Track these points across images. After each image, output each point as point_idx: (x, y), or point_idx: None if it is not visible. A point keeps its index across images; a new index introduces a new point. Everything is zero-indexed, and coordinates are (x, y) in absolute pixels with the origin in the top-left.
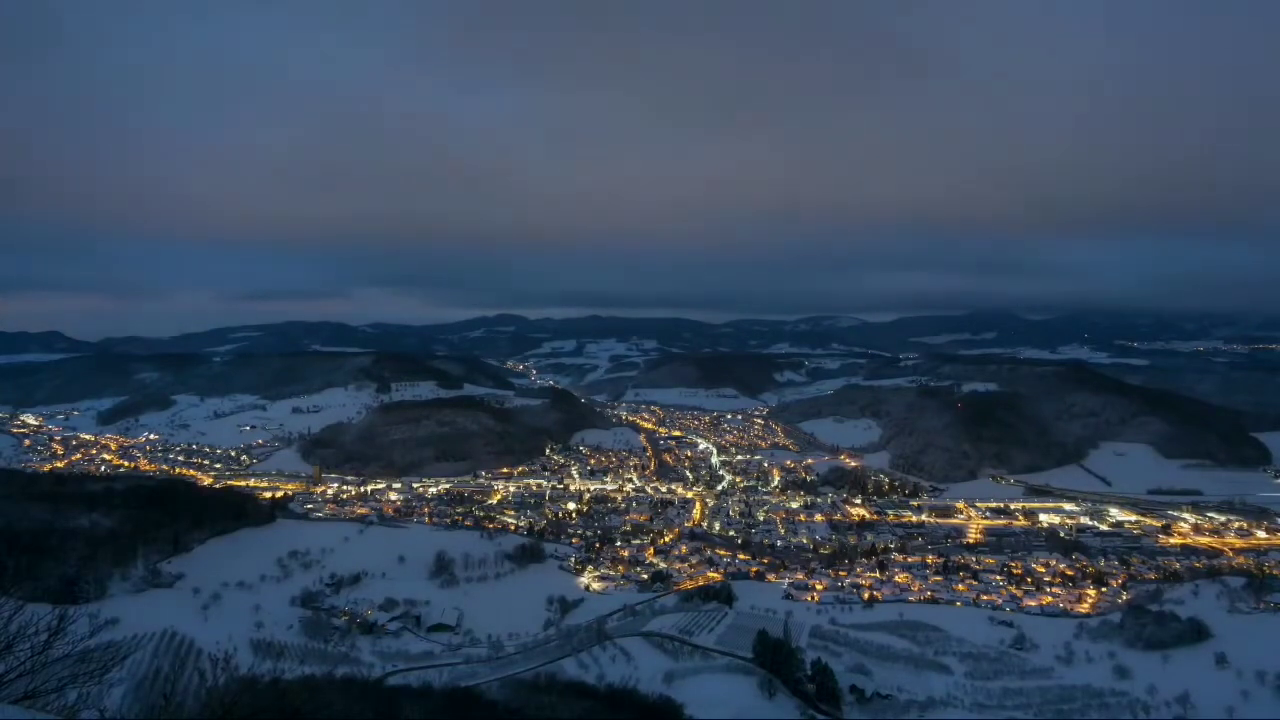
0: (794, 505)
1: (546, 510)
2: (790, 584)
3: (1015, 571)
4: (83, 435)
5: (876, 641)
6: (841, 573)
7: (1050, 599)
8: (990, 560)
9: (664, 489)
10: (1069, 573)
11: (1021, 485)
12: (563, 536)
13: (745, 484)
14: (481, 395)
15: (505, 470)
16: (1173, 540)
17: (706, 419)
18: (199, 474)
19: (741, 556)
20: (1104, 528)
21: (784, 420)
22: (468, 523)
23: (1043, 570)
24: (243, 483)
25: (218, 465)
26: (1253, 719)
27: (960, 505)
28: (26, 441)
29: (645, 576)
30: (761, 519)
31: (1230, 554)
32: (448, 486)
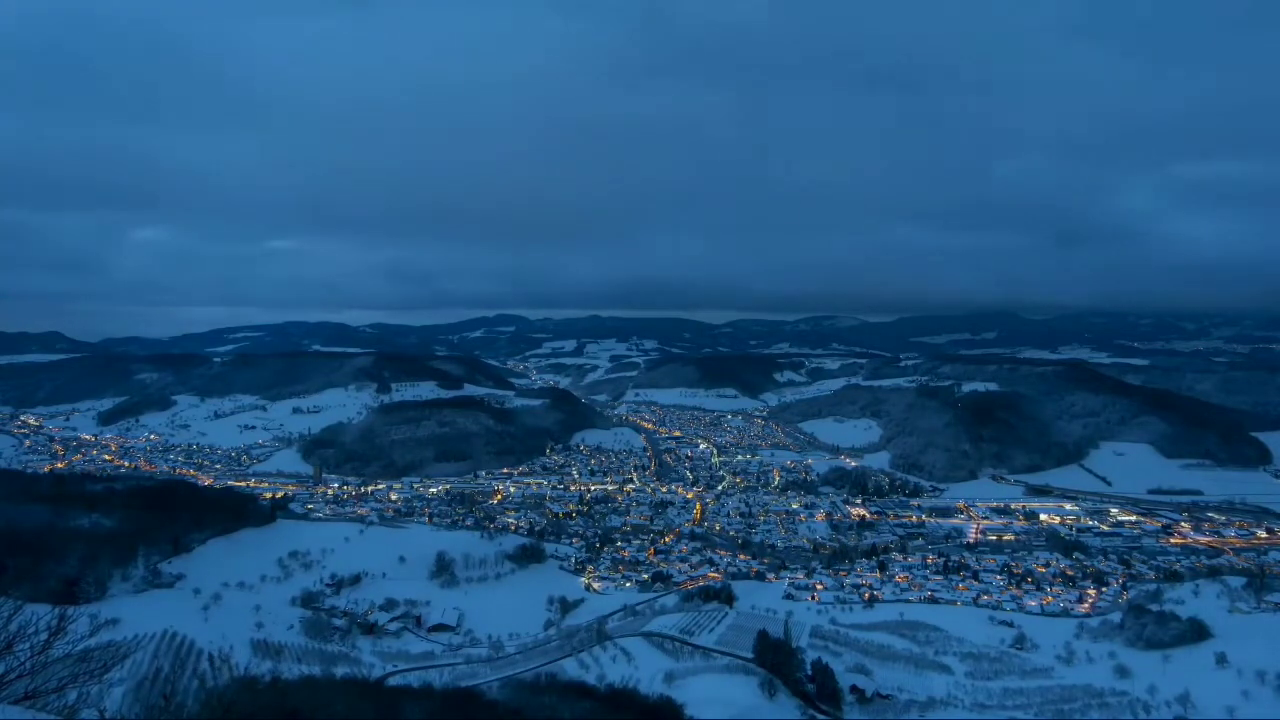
0: (794, 505)
1: (547, 510)
2: (791, 584)
3: (1015, 571)
4: (83, 436)
5: (877, 641)
6: (842, 573)
7: (1050, 599)
8: (990, 560)
9: (664, 489)
10: (1069, 572)
11: (1022, 485)
12: (563, 537)
13: (745, 484)
14: (482, 395)
15: (506, 470)
16: (1173, 540)
17: (706, 419)
18: (199, 474)
19: (742, 557)
20: (1104, 527)
21: (784, 420)
22: (468, 523)
23: (1043, 570)
24: (243, 483)
25: (218, 466)
26: (1253, 719)
27: (960, 505)
28: (27, 442)
29: (646, 577)
30: (762, 519)
31: (1230, 554)
32: (448, 486)
